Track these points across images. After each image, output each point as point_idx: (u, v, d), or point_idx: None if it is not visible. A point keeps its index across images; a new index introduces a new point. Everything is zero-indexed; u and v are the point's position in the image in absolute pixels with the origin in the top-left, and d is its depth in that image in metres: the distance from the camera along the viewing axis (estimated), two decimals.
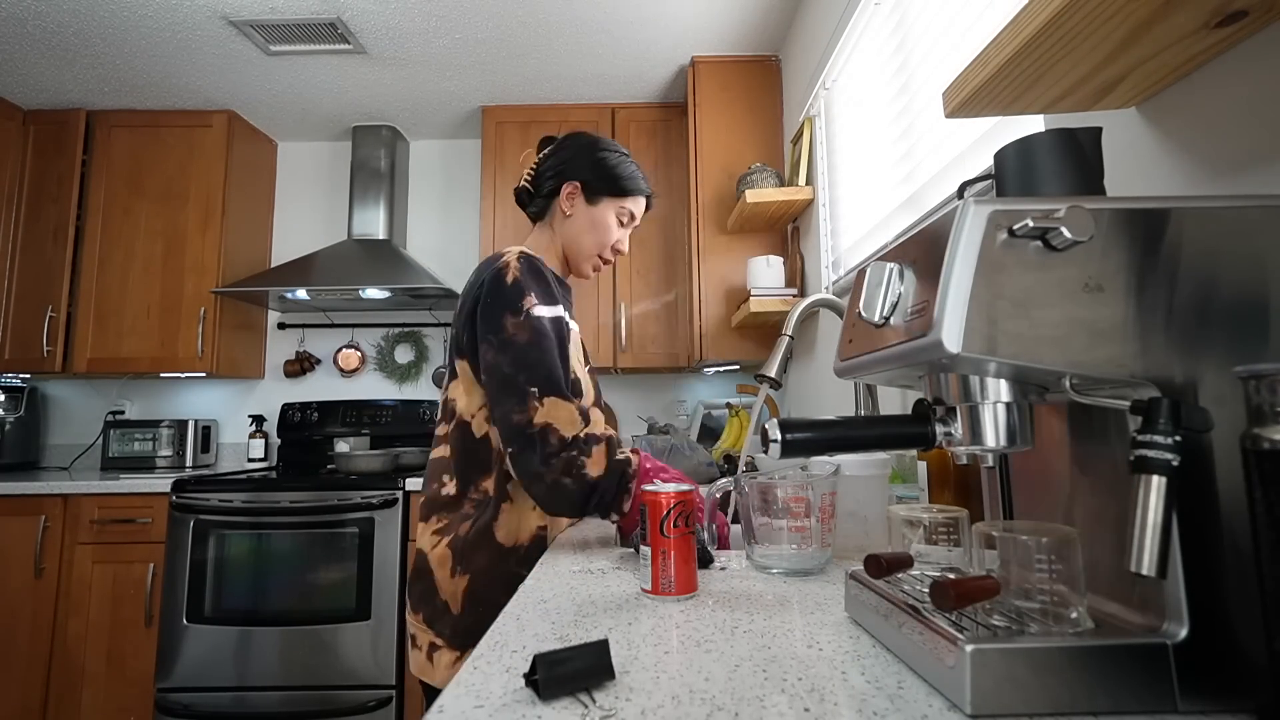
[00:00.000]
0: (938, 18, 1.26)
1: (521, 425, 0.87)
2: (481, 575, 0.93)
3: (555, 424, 0.87)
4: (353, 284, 2.49)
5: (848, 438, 0.52)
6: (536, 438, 0.87)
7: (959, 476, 0.87)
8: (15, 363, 2.57)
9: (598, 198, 1.09)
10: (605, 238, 1.11)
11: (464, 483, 0.97)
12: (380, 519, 2.13)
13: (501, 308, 0.92)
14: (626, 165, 1.11)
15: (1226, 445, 0.39)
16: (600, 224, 1.10)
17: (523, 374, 0.89)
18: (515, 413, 0.88)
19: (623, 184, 1.10)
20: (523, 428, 0.87)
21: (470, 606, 0.92)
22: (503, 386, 0.89)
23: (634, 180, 1.11)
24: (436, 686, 0.92)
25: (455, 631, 0.92)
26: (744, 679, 0.45)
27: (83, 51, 2.32)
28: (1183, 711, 0.38)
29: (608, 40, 2.32)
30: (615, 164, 1.10)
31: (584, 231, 1.10)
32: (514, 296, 0.93)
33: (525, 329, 0.91)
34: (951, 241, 0.42)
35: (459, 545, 0.94)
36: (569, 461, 0.87)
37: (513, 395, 0.88)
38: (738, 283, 2.30)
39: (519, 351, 0.90)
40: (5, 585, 2.19)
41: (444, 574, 0.94)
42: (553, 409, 0.88)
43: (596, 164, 1.09)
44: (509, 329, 0.91)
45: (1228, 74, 0.61)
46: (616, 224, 1.12)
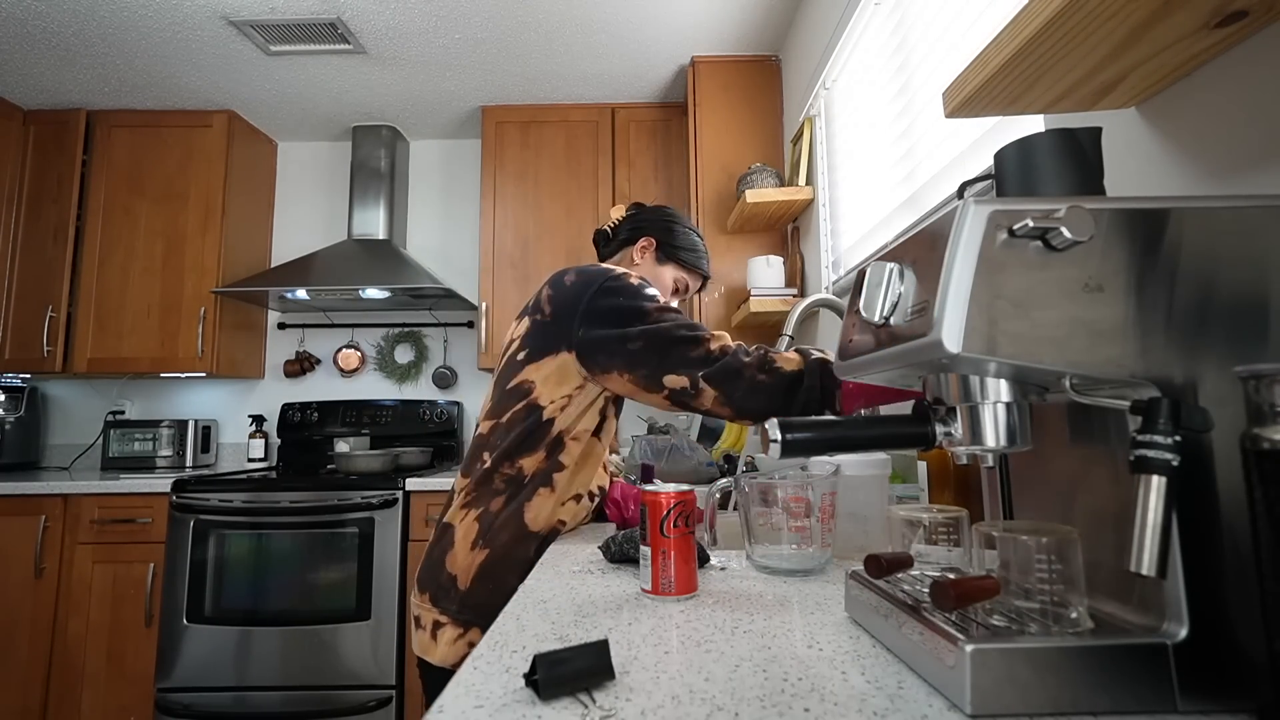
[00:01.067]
0: (938, 18, 1.26)
1: (704, 355, 0.95)
2: (500, 551, 0.96)
3: (728, 343, 0.97)
4: (353, 284, 2.50)
5: (848, 438, 0.52)
6: (720, 354, 0.94)
7: (959, 476, 0.87)
8: (15, 363, 2.57)
9: (666, 259, 1.22)
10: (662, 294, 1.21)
11: (501, 458, 1.00)
12: (380, 519, 2.13)
13: (635, 294, 1.01)
14: (699, 244, 1.25)
15: (1226, 445, 0.39)
16: (661, 281, 1.22)
17: (683, 328, 0.97)
18: (692, 350, 0.95)
19: (693, 257, 1.23)
20: (706, 355, 0.95)
21: (479, 582, 0.95)
22: (670, 340, 0.96)
23: (701, 259, 1.24)
24: (435, 664, 0.94)
25: (461, 607, 0.94)
26: (744, 679, 0.45)
27: (83, 51, 2.32)
28: (1183, 711, 0.38)
29: (608, 40, 2.32)
30: (693, 241, 1.24)
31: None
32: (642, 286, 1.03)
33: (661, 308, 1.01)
34: (951, 241, 0.42)
35: (488, 520, 0.98)
36: (761, 359, 0.93)
37: (682, 343, 0.96)
38: (738, 283, 2.30)
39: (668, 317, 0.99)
40: (5, 585, 2.19)
41: (464, 546, 0.97)
42: (718, 337, 0.97)
43: (677, 233, 1.22)
44: (648, 306, 1.00)
45: (1228, 74, 0.61)
46: (672, 288, 1.23)
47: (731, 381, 0.93)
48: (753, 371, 0.92)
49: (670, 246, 1.22)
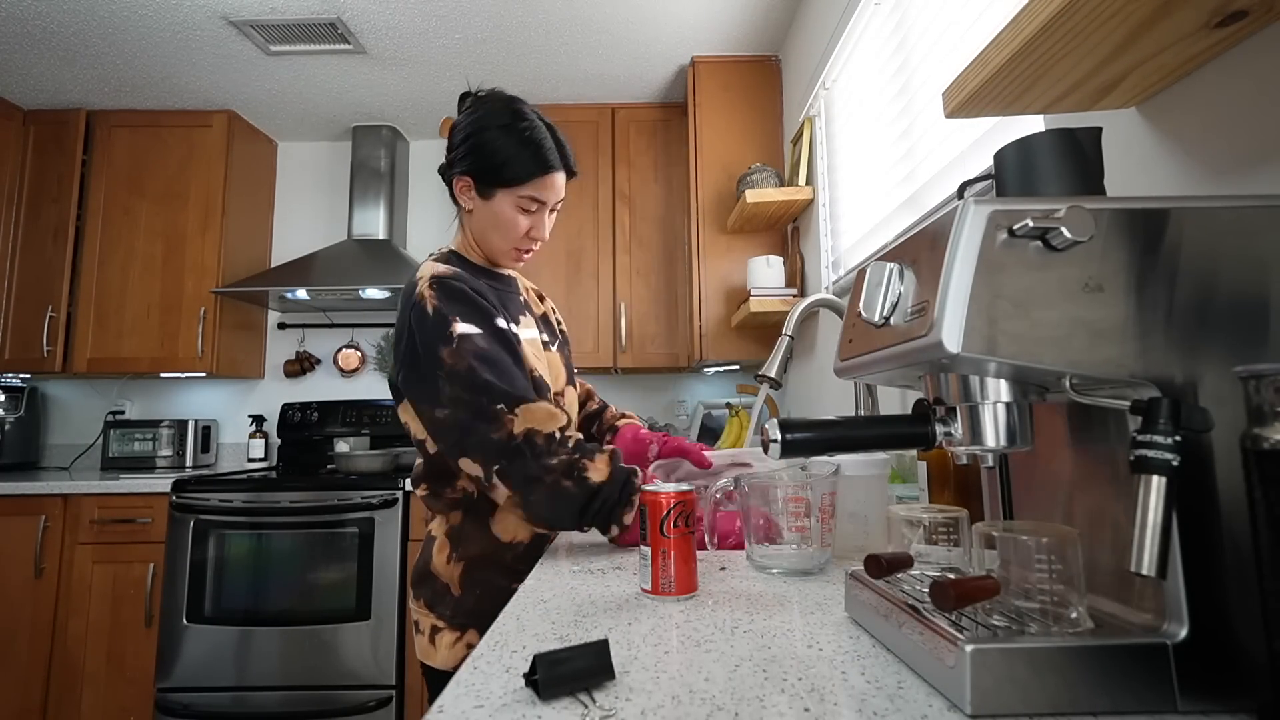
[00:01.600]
0: (938, 18, 1.26)
1: (503, 440, 0.84)
2: (476, 563, 0.95)
3: (535, 426, 0.85)
4: (353, 284, 2.50)
5: (848, 438, 0.52)
6: (523, 445, 0.84)
7: (959, 476, 0.87)
8: (15, 363, 2.57)
9: (490, 190, 0.95)
10: (512, 233, 0.97)
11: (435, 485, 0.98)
12: (380, 519, 2.13)
13: (435, 343, 0.87)
14: (512, 145, 0.93)
15: (1226, 445, 0.39)
16: (502, 219, 0.96)
17: (483, 395, 0.85)
18: (493, 432, 0.84)
19: (513, 171, 0.93)
20: (505, 442, 0.84)
21: (468, 588, 0.94)
22: (470, 412, 0.85)
23: (526, 163, 0.93)
24: (438, 668, 0.94)
25: (456, 612, 0.94)
26: (744, 679, 0.45)
27: (83, 51, 2.32)
28: (1183, 711, 0.38)
29: (608, 40, 2.32)
30: (499, 148, 0.93)
31: (488, 229, 0.98)
32: (441, 326, 0.88)
33: (463, 355, 0.86)
34: (951, 241, 0.42)
35: (454, 533, 0.97)
36: (569, 464, 0.84)
37: (483, 418, 0.85)
38: (738, 283, 2.30)
39: (467, 378, 0.86)
40: (5, 585, 2.19)
41: (441, 559, 0.96)
42: (526, 414, 0.85)
43: (481, 151, 0.94)
44: (448, 360, 0.86)
45: (1228, 74, 0.61)
46: (521, 213, 0.96)
47: (529, 485, 0.83)
48: (556, 477, 0.83)
49: (486, 173, 0.94)
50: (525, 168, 0.93)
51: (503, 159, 0.93)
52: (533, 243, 1.01)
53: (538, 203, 0.97)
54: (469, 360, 0.86)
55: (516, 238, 0.98)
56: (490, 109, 0.96)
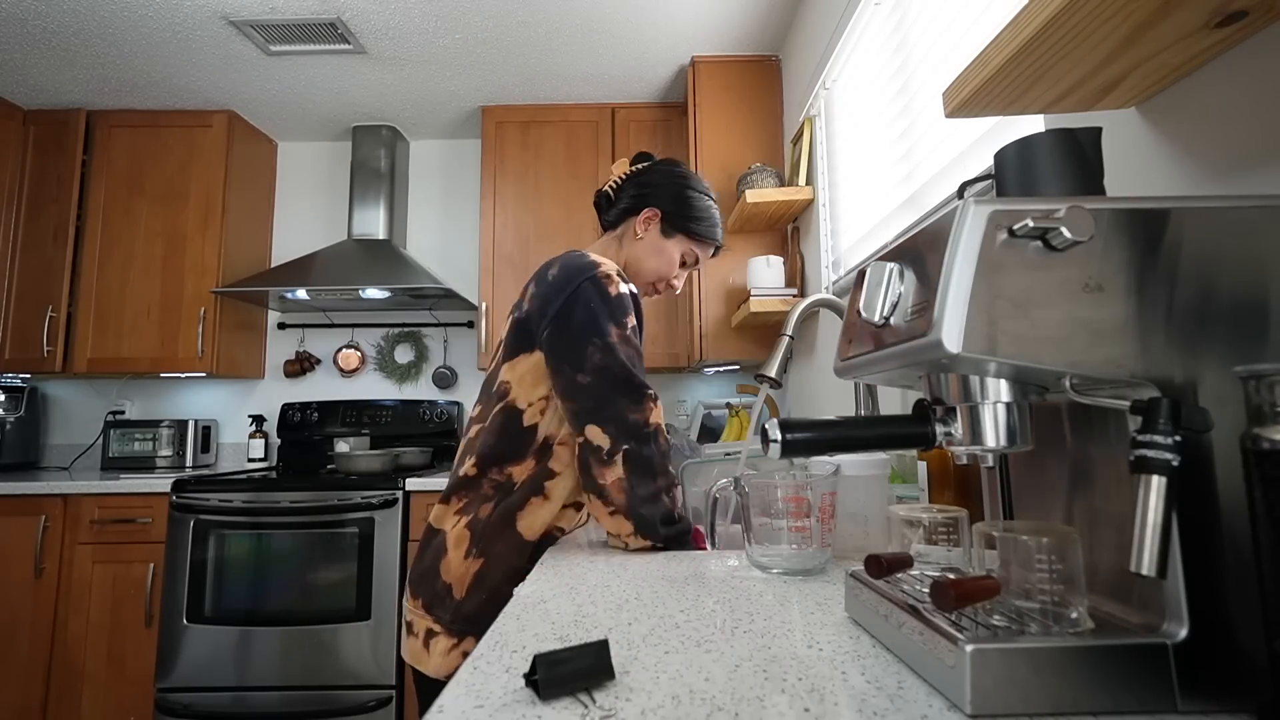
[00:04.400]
0: (938, 18, 1.26)
1: (640, 423, 0.91)
2: (495, 561, 0.94)
3: (663, 424, 0.94)
4: (353, 284, 2.50)
5: (848, 438, 0.52)
6: (653, 436, 0.91)
7: (959, 476, 0.87)
8: (15, 363, 2.57)
9: (674, 232, 1.12)
10: (667, 270, 1.13)
11: (486, 464, 0.98)
12: (380, 519, 2.13)
13: (607, 316, 0.95)
14: (711, 211, 1.14)
15: (1226, 445, 0.39)
16: (667, 256, 1.12)
17: (635, 377, 0.92)
18: (632, 411, 0.91)
19: (701, 227, 1.12)
20: (641, 426, 0.91)
21: (475, 592, 0.92)
22: (616, 386, 0.91)
23: (713, 228, 1.14)
24: (429, 675, 0.92)
25: (455, 617, 0.92)
26: (744, 679, 0.45)
27: (83, 51, 2.32)
28: (1183, 711, 0.38)
29: (608, 40, 2.32)
30: (701, 207, 1.13)
31: (649, 257, 1.12)
32: (620, 310, 0.96)
33: (628, 343, 0.95)
34: (951, 241, 0.42)
35: (479, 527, 0.95)
36: (671, 482, 0.92)
37: (627, 394, 0.91)
38: (738, 283, 2.30)
39: (624, 359, 0.93)
40: (5, 585, 2.20)
41: (458, 555, 0.94)
42: (659, 412, 0.94)
43: (684, 200, 1.11)
44: (614, 336, 0.94)
45: (1228, 74, 0.61)
46: (680, 262, 1.14)
47: (643, 478, 0.90)
48: (663, 484, 0.91)
49: (679, 216, 1.11)
50: (707, 231, 1.13)
51: (697, 215, 1.12)
52: (670, 288, 1.17)
53: (694, 258, 1.15)
54: (630, 350, 0.95)
55: (668, 274, 1.14)
56: (691, 174, 1.16)
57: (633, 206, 1.13)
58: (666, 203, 1.11)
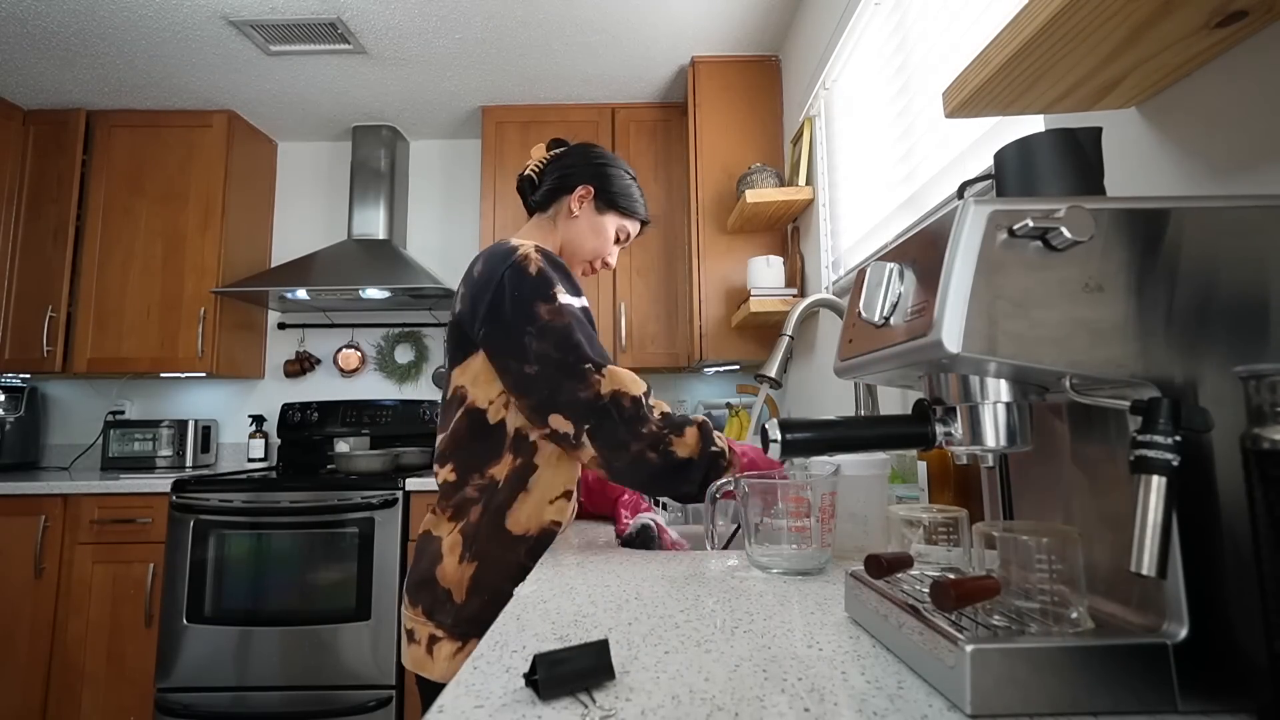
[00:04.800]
0: (938, 18, 1.26)
1: (591, 400, 0.89)
2: (489, 563, 0.94)
3: (622, 388, 0.90)
4: (353, 284, 2.50)
5: (848, 438, 0.52)
6: (610, 406, 0.89)
7: (959, 476, 0.87)
8: (15, 363, 2.57)
9: (606, 209, 1.14)
10: (604, 247, 1.15)
11: (464, 469, 0.98)
12: (380, 519, 2.13)
13: (533, 298, 0.93)
14: (635, 188, 1.17)
15: (1226, 445, 0.39)
16: (602, 233, 1.14)
17: (572, 354, 0.91)
18: (581, 390, 0.89)
19: (632, 204, 1.15)
20: (593, 401, 0.89)
21: (474, 594, 0.92)
22: (560, 370, 0.90)
23: (640, 204, 1.17)
24: (434, 681, 0.92)
25: (457, 620, 0.92)
26: (744, 679, 0.45)
27: (83, 51, 2.32)
28: (1183, 711, 0.38)
29: (608, 40, 2.32)
30: (628, 184, 1.16)
31: (587, 235, 1.14)
32: (543, 285, 0.94)
33: (561, 314, 0.93)
34: (951, 241, 0.42)
35: (470, 531, 0.95)
36: (656, 437, 0.89)
37: (572, 376, 0.90)
38: (738, 283, 2.30)
39: (562, 335, 0.91)
40: (5, 585, 2.19)
41: (453, 560, 0.94)
42: (613, 376, 0.91)
43: (612, 178, 1.14)
44: (544, 315, 0.92)
45: (1228, 74, 0.61)
46: (614, 235, 1.15)
47: (615, 450, 0.89)
48: (642, 446, 0.88)
49: (608, 193, 1.13)
50: (635, 208, 1.16)
51: (624, 191, 1.14)
52: (604, 266, 1.18)
53: (625, 235, 1.17)
54: (565, 319, 0.92)
55: (603, 251, 1.15)
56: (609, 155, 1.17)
57: (561, 185, 1.14)
58: (596, 179, 1.13)
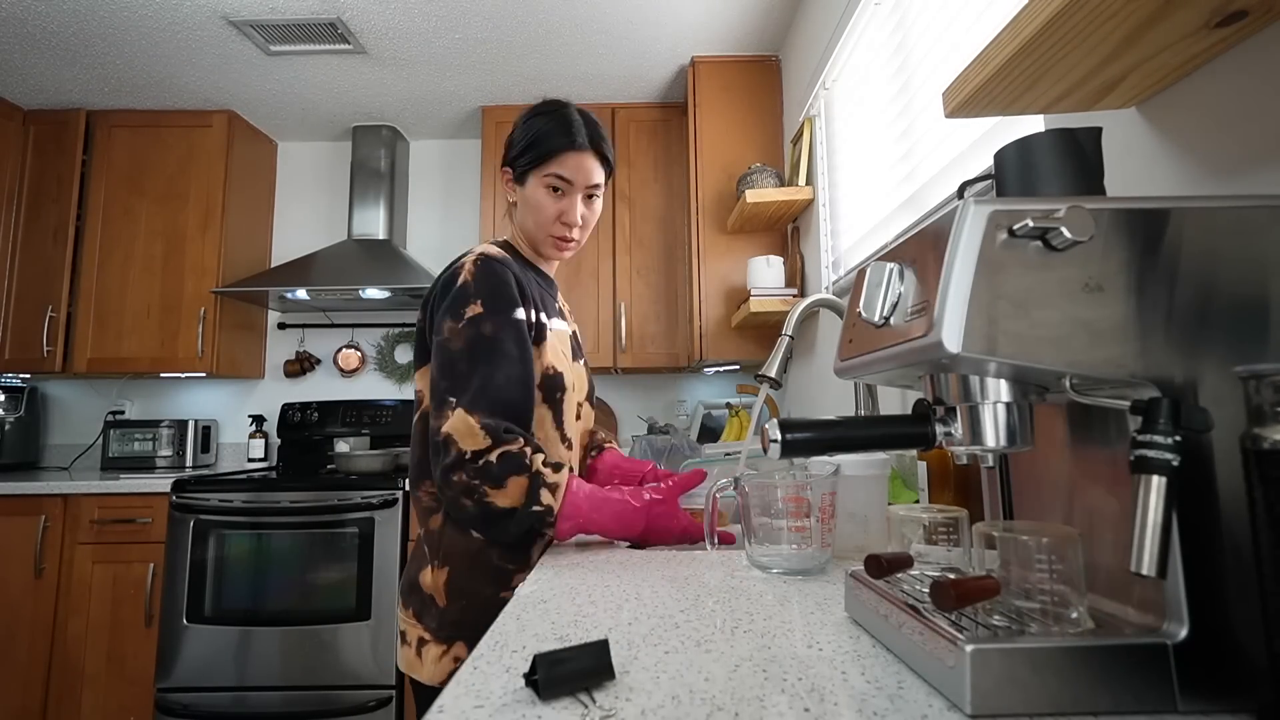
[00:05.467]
0: (938, 18, 1.26)
1: (435, 430, 0.87)
2: (459, 567, 0.93)
3: (454, 435, 0.85)
4: (353, 284, 2.50)
5: (848, 438, 0.52)
6: (441, 445, 0.85)
7: (959, 476, 0.87)
8: (15, 363, 2.57)
9: (524, 176, 1.01)
10: (542, 216, 1.01)
11: (416, 476, 0.98)
12: (380, 519, 2.13)
13: (445, 312, 0.91)
14: (537, 125, 0.98)
15: (1226, 445, 0.39)
16: (533, 203, 1.00)
17: (445, 380, 0.88)
18: (435, 417, 0.88)
19: (534, 151, 0.98)
20: (435, 433, 0.87)
21: (452, 599, 0.92)
22: (433, 391, 0.90)
23: (546, 140, 0.97)
24: (423, 682, 0.92)
25: (441, 624, 0.92)
26: (744, 679, 0.45)
27: (83, 51, 2.32)
28: (1183, 711, 0.38)
29: (607, 40, 2.32)
30: (527, 131, 0.99)
31: (525, 216, 1.03)
32: (458, 302, 0.91)
33: (460, 336, 0.89)
34: (951, 241, 0.42)
35: (433, 540, 0.95)
36: (468, 487, 0.84)
37: (435, 400, 0.88)
38: (738, 283, 2.30)
39: (449, 358, 0.89)
40: (5, 585, 2.19)
41: (427, 567, 0.95)
42: (457, 422, 0.85)
43: (517, 140, 1.00)
44: (446, 333, 0.90)
45: (1228, 74, 0.61)
46: (550, 195, 1.00)
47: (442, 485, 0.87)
48: (456, 494, 0.85)
49: (519, 160, 1.00)
50: (548, 145, 0.97)
51: (532, 139, 0.98)
52: (567, 229, 1.02)
53: (564, 181, 0.99)
54: (461, 342, 0.89)
55: (548, 220, 1.01)
56: (530, 110, 1.02)
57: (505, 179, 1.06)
58: (508, 155, 1.03)
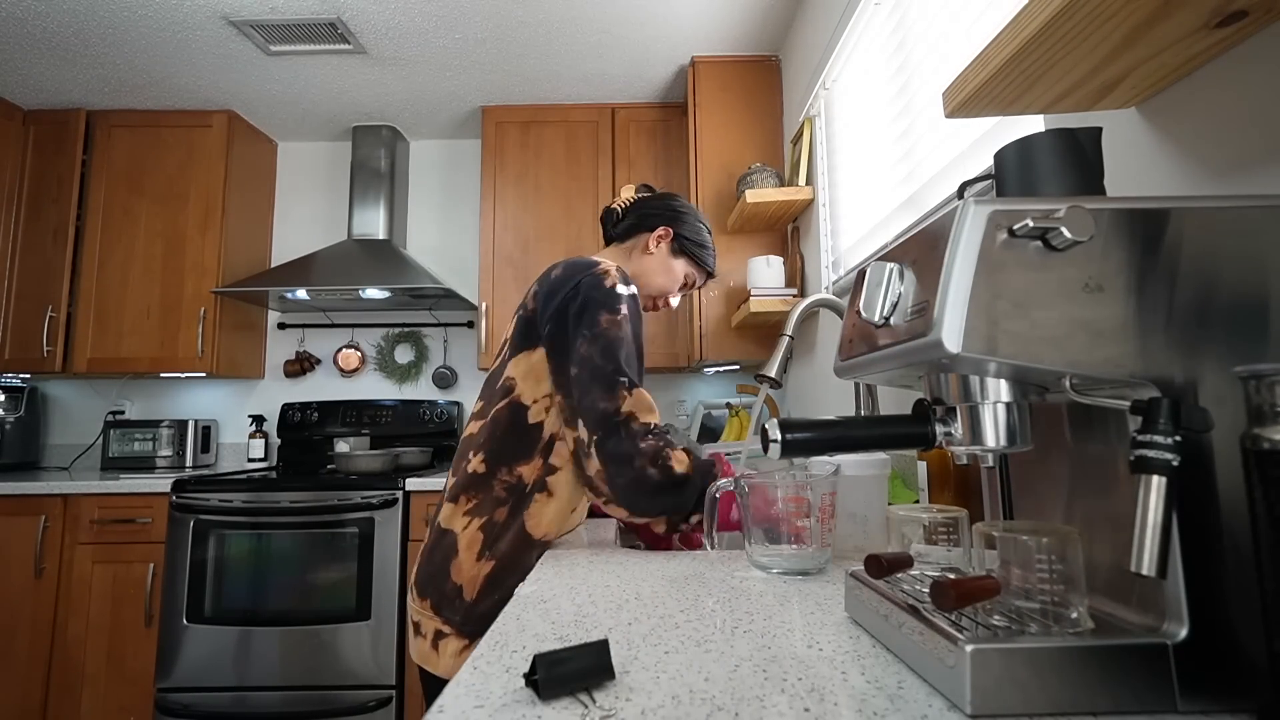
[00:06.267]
0: (938, 18, 1.26)
1: (609, 412, 0.92)
2: (506, 563, 0.93)
3: (638, 412, 0.93)
4: (353, 284, 2.49)
5: (848, 438, 0.52)
6: (621, 425, 0.92)
7: (959, 476, 0.87)
8: (15, 363, 2.57)
9: (682, 253, 1.20)
10: (671, 286, 1.22)
11: (495, 461, 0.98)
12: (380, 519, 2.13)
13: (600, 306, 0.98)
14: (709, 241, 1.25)
15: (1226, 445, 0.39)
16: (672, 273, 1.20)
17: (611, 364, 0.94)
18: (602, 400, 0.92)
19: (705, 254, 1.22)
20: (610, 415, 0.92)
21: (487, 593, 0.92)
22: (594, 376, 0.93)
23: (710, 256, 1.24)
24: (440, 676, 0.92)
25: (467, 619, 0.92)
26: (744, 679, 0.45)
27: (83, 51, 2.32)
28: (1183, 711, 0.38)
29: (608, 40, 2.32)
30: (704, 237, 1.23)
31: (658, 272, 1.20)
32: (613, 299, 0.99)
33: (619, 326, 0.97)
34: (951, 241, 0.42)
35: (492, 530, 0.95)
36: (655, 451, 0.91)
37: (601, 383, 0.93)
38: (738, 283, 2.30)
39: (611, 344, 0.95)
40: (5, 585, 2.19)
41: (469, 556, 0.94)
42: (638, 398, 0.94)
43: (694, 229, 1.21)
44: (604, 324, 0.96)
45: (1228, 74, 0.61)
46: (682, 281, 1.22)
47: (619, 465, 0.91)
48: (644, 462, 0.90)
49: (684, 239, 1.20)
50: (707, 261, 1.23)
51: (701, 244, 1.22)
52: (667, 305, 1.25)
53: (690, 280, 1.24)
54: (619, 332, 0.97)
55: (668, 291, 1.22)
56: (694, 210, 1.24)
57: (643, 224, 1.20)
58: (676, 225, 1.20)
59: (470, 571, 0.93)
